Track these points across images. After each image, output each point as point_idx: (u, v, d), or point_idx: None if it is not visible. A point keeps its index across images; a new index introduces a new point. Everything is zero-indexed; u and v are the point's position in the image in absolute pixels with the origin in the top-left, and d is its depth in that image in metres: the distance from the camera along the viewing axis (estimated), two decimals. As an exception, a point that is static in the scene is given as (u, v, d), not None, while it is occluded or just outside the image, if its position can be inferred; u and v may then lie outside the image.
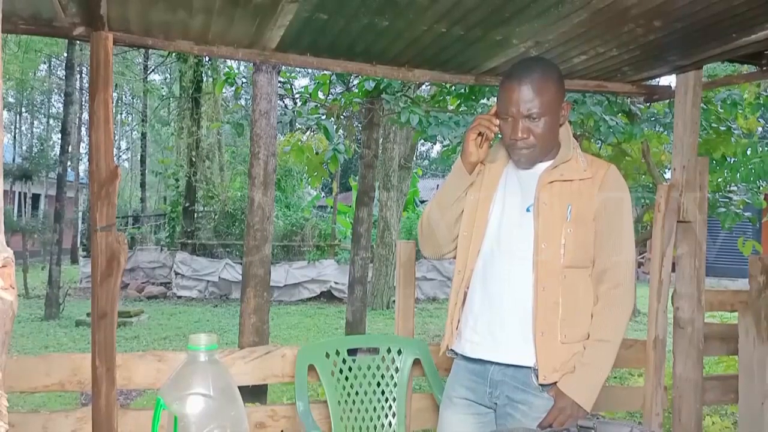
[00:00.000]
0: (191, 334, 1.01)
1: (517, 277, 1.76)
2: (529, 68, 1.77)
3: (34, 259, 16.71)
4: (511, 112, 1.73)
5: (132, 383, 2.62)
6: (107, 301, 2.40)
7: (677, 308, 3.29)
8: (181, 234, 14.24)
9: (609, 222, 1.76)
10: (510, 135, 1.74)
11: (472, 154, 1.84)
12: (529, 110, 1.72)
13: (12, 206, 18.77)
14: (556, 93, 1.77)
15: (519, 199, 1.81)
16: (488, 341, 1.80)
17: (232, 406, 1.00)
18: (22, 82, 21.75)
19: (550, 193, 1.75)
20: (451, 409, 1.91)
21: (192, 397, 0.97)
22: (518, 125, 1.72)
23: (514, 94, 1.72)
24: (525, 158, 1.78)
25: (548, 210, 1.74)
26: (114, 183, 2.44)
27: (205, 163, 14.81)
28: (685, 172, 3.24)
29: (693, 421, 3.24)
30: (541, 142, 1.75)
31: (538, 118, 1.72)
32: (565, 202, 1.74)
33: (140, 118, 23.95)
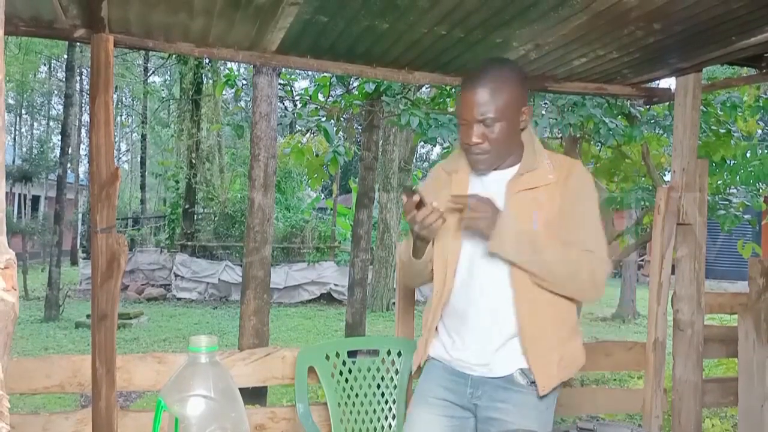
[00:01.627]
0: (191, 335, 1.02)
1: (497, 290, 1.73)
2: (487, 71, 1.71)
3: (33, 261, 16.72)
4: (465, 116, 1.69)
5: (132, 385, 2.62)
6: (107, 303, 2.41)
7: (677, 310, 3.29)
8: (181, 236, 14.24)
9: (571, 214, 1.72)
10: (464, 140, 1.70)
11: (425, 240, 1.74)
12: (483, 114, 1.66)
13: (12, 208, 18.76)
14: (514, 97, 1.70)
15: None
16: (473, 358, 1.77)
17: (232, 407, 1.00)
18: (22, 84, 21.76)
19: (517, 204, 1.72)
20: (424, 408, 1.85)
21: (193, 398, 0.97)
22: (472, 130, 1.68)
23: (469, 98, 1.67)
24: (480, 163, 1.74)
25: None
26: (114, 185, 2.45)
27: (205, 164, 14.81)
28: (685, 175, 3.24)
29: (692, 424, 3.24)
30: (497, 147, 1.70)
31: (493, 123, 1.67)
32: (530, 211, 1.71)
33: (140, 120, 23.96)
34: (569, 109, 4.86)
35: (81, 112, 22.48)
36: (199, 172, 14.42)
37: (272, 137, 3.46)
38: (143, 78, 22.15)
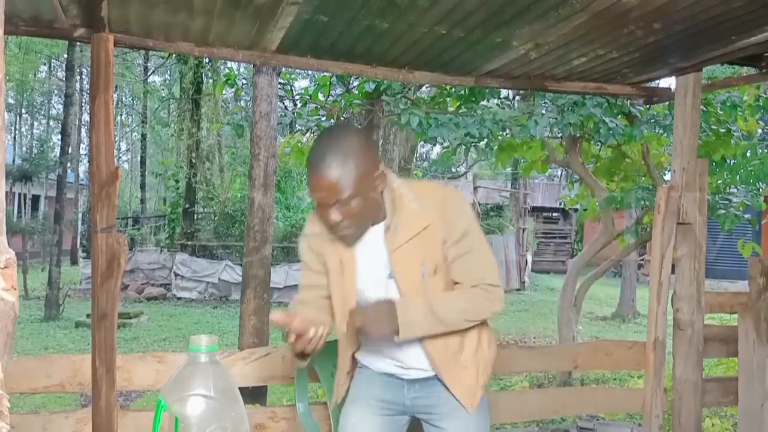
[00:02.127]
0: (191, 335, 1.02)
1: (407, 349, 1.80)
2: (330, 151, 1.64)
3: (33, 260, 16.72)
4: (319, 200, 1.66)
5: (132, 384, 2.62)
6: (107, 303, 2.41)
7: (677, 310, 3.29)
8: (181, 235, 14.24)
9: (463, 256, 1.75)
10: (325, 221, 1.69)
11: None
12: (335, 197, 1.63)
13: (12, 207, 18.76)
14: (362, 170, 1.65)
15: (378, 267, 1.78)
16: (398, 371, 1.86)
17: (232, 406, 1.00)
18: (22, 84, 21.76)
19: (403, 260, 1.74)
20: (359, 406, 1.89)
21: (193, 398, 0.98)
22: (329, 212, 1.65)
23: (318, 183, 1.63)
24: (349, 238, 1.74)
25: (406, 275, 1.75)
26: (114, 184, 2.45)
27: (205, 164, 14.81)
28: (685, 174, 3.24)
29: (692, 423, 3.24)
30: (358, 220, 1.70)
31: (348, 201, 1.64)
32: (418, 262, 1.73)
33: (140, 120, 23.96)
34: (569, 108, 4.86)
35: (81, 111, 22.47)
36: (199, 171, 14.41)
37: (272, 136, 3.46)
38: (143, 77, 22.14)
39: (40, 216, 18.68)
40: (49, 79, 25.97)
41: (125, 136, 32.42)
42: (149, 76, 23.40)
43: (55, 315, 10.14)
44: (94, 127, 2.45)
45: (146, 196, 23.65)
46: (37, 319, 10.11)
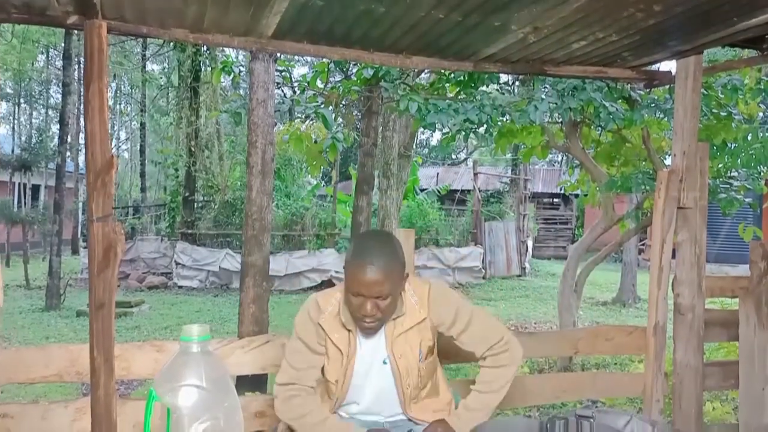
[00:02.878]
0: (185, 324, 1.00)
1: (391, 410, 2.11)
2: (378, 253, 1.95)
3: (35, 250, 16.73)
4: (361, 293, 1.92)
5: (131, 373, 2.61)
6: (105, 292, 2.39)
7: (677, 295, 3.28)
8: (182, 224, 14.23)
9: (465, 330, 2.07)
10: (359, 311, 1.94)
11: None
12: (379, 293, 1.91)
13: (12, 197, 18.74)
14: (400, 273, 1.98)
15: (372, 354, 2.05)
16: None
17: (225, 397, 0.99)
18: (20, 73, 21.66)
19: (402, 346, 2.03)
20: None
21: (185, 388, 0.96)
22: (367, 304, 1.92)
23: (364, 278, 1.90)
24: (372, 330, 2.01)
25: (404, 360, 2.03)
26: (110, 172, 2.42)
27: (204, 152, 14.76)
28: (686, 158, 3.22)
29: (693, 407, 3.24)
30: (388, 314, 1.99)
31: (386, 297, 1.93)
32: (415, 348, 2.03)
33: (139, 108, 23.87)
34: (569, 93, 4.82)
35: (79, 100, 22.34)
36: (198, 160, 14.37)
37: (269, 123, 3.43)
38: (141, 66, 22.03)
39: (40, 206, 18.67)
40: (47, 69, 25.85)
41: (124, 125, 32.34)
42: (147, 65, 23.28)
43: (56, 304, 10.15)
44: (89, 115, 2.42)
45: (146, 185, 23.62)
46: (39, 308, 10.13)
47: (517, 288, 13.60)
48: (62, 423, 2.49)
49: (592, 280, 10.73)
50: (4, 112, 26.94)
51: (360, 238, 2.22)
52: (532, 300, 11.92)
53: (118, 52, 21.11)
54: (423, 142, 31.20)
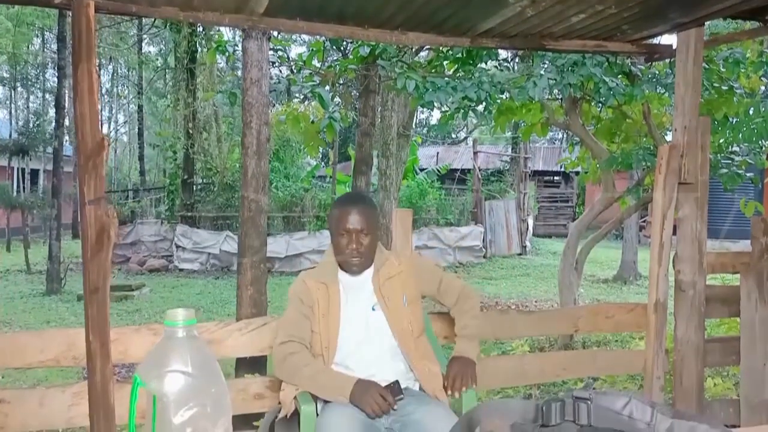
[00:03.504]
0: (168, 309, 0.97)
1: (386, 357, 2.26)
2: (360, 199, 2.45)
3: (35, 235, 16.71)
4: (346, 227, 2.27)
5: (128, 357, 2.60)
6: (98, 276, 2.36)
7: (678, 271, 3.25)
8: (181, 207, 14.19)
9: (433, 282, 2.46)
10: (347, 247, 2.27)
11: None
12: (361, 225, 2.27)
13: (11, 182, 18.69)
14: (377, 219, 2.37)
15: (361, 304, 2.30)
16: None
17: (212, 382, 0.96)
18: (15, 57, 21.48)
19: (386, 292, 2.31)
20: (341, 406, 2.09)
21: (170, 374, 0.93)
22: (353, 236, 2.27)
23: (348, 213, 2.28)
24: (356, 266, 2.31)
25: (391, 304, 2.30)
26: (101, 154, 2.38)
27: (202, 134, 14.67)
28: (687, 133, 3.17)
29: (694, 384, 3.23)
30: (369, 252, 2.31)
31: (367, 234, 2.28)
32: (399, 294, 2.32)
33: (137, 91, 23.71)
34: (569, 69, 4.76)
35: (76, 83, 22.13)
36: (196, 142, 14.29)
37: (264, 103, 3.37)
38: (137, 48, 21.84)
39: (39, 190, 18.61)
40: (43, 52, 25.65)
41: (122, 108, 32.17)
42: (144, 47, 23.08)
43: (57, 289, 10.16)
44: (78, 96, 2.37)
45: (145, 168, 23.55)
46: (39, 293, 10.14)
47: (518, 267, 13.60)
48: (60, 408, 2.48)
49: (593, 258, 10.72)
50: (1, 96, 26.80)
51: (338, 197, 2.59)
52: (532, 278, 11.92)
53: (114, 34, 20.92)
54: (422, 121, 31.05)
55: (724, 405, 3.59)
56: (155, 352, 0.96)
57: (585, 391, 0.87)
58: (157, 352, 0.96)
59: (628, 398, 0.87)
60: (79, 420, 2.47)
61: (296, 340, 2.26)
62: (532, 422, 0.86)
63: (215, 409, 0.95)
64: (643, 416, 0.86)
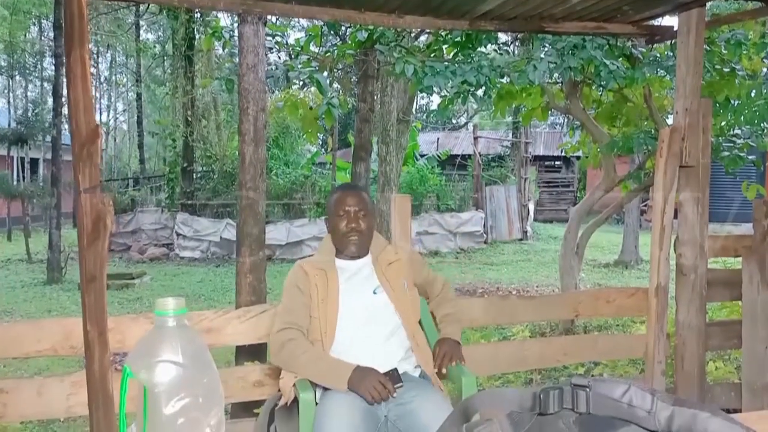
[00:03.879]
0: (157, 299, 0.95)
1: (386, 341, 2.26)
2: (355, 185, 2.69)
3: (36, 224, 16.70)
4: (345, 207, 2.36)
5: (125, 346, 2.58)
6: (95, 265, 2.34)
7: (680, 255, 3.24)
8: (181, 195, 14.16)
9: (423, 273, 2.56)
10: (347, 226, 2.35)
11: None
12: (359, 205, 2.37)
13: (11, 171, 18.65)
14: (372, 205, 2.47)
15: (361, 288, 2.34)
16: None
17: (204, 373, 0.94)
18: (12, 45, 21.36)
19: (389, 275, 2.38)
20: (341, 394, 2.07)
21: (161, 364, 0.91)
22: (351, 216, 2.36)
23: (347, 195, 2.40)
24: (355, 246, 2.38)
25: (395, 287, 2.36)
26: (96, 142, 2.35)
27: (201, 122, 14.61)
28: (688, 115, 3.14)
29: (696, 367, 3.22)
30: (367, 233, 2.40)
31: (365, 216, 2.38)
32: (400, 280, 2.39)
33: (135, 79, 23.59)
34: (569, 52, 4.71)
35: (74, 72, 22.00)
36: (195, 130, 14.23)
37: (261, 89, 3.33)
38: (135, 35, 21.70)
39: (39, 179, 18.58)
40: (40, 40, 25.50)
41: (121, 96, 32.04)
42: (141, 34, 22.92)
43: (57, 278, 10.16)
44: (71, 83, 2.34)
45: (145, 157, 23.47)
46: (41, 282, 10.14)
47: (519, 252, 13.59)
48: (59, 397, 2.47)
49: (594, 243, 10.70)
50: (-1, 85, 26.69)
51: (335, 186, 2.56)
52: (533, 264, 11.91)
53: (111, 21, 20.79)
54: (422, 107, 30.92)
55: (725, 389, 3.59)
56: (145, 342, 0.94)
57: (584, 379, 0.85)
58: (147, 342, 0.94)
59: (627, 385, 0.85)
60: (78, 409, 2.47)
61: (294, 327, 2.26)
62: (529, 411, 0.84)
63: (207, 400, 0.93)
64: (643, 404, 0.84)
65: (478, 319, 3.12)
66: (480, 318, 3.12)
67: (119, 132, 32.05)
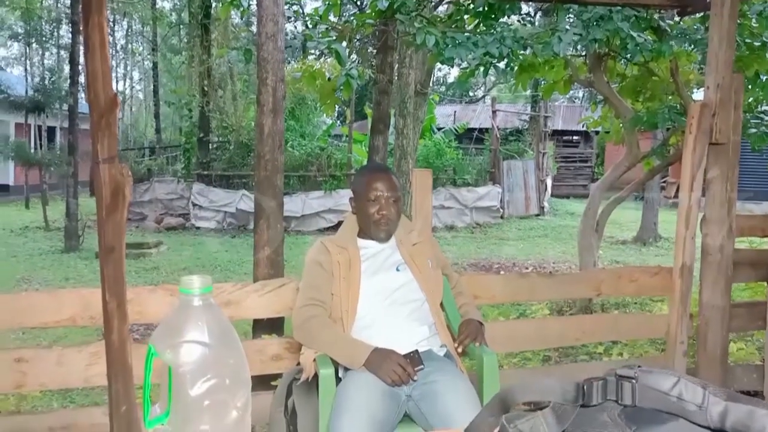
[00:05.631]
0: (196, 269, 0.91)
1: (409, 319, 2.22)
2: (385, 167, 2.72)
3: (53, 192, 16.82)
4: (377, 191, 2.31)
5: (144, 317, 2.58)
6: (114, 236, 2.32)
7: (706, 234, 3.17)
8: (197, 165, 14.17)
9: (443, 260, 2.59)
10: (379, 212, 2.30)
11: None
12: (392, 190, 2.33)
13: (28, 139, 18.74)
14: (400, 189, 2.43)
15: (384, 266, 2.31)
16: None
17: (230, 353, 0.91)
18: (28, 12, 21.30)
19: (416, 255, 2.36)
20: (363, 374, 2.05)
21: (186, 345, 0.88)
22: (383, 203, 2.31)
23: (379, 179, 2.34)
24: (385, 233, 2.34)
25: (419, 265, 2.34)
26: (114, 111, 2.31)
27: (217, 92, 14.53)
28: (720, 91, 3.04)
29: (719, 349, 3.17)
30: (397, 218, 2.37)
31: (395, 202, 2.34)
32: (424, 259, 2.37)
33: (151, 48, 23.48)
34: (595, 23, 4.58)
35: (90, 40, 21.90)
36: (212, 100, 14.17)
37: (280, 59, 3.27)
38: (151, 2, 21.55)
39: (56, 147, 18.65)
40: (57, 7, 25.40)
41: (137, 65, 31.98)
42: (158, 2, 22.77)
43: (75, 246, 10.24)
44: (90, 51, 2.29)
45: (161, 126, 23.47)
46: (58, 250, 10.23)
47: (536, 228, 13.51)
48: (77, 367, 2.47)
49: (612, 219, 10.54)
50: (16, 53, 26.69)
51: (363, 166, 2.59)
52: (550, 239, 11.84)
53: (128, -11, 20.66)
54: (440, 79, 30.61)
55: (747, 370, 3.54)
56: (169, 321, 0.91)
57: (630, 369, 0.80)
58: (172, 321, 0.90)
59: (676, 378, 0.80)
60: (96, 380, 2.47)
61: (317, 304, 2.24)
62: (572, 402, 0.80)
63: (234, 381, 0.90)
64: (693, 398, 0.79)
65: (497, 296, 3.08)
66: (499, 295, 3.08)
67: (135, 101, 32.06)
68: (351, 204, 2.44)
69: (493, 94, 25.11)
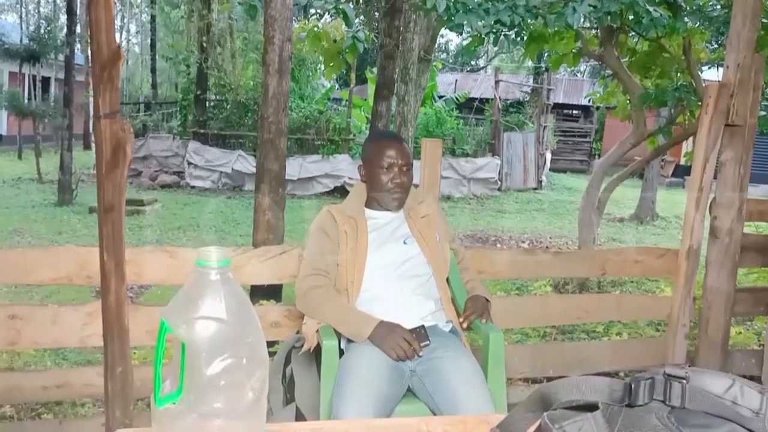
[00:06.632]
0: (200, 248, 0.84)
1: (416, 293, 2.18)
2: (397, 135, 2.59)
3: (46, 144, 16.61)
4: (391, 159, 2.24)
5: (142, 278, 2.52)
6: (114, 194, 2.24)
7: (715, 217, 3.12)
8: (193, 123, 13.98)
9: (450, 232, 2.52)
10: (392, 180, 2.25)
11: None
12: (405, 158, 2.27)
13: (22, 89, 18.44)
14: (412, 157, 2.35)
15: (391, 237, 2.26)
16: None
17: (248, 331, 0.85)
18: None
19: (424, 228, 2.31)
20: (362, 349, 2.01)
21: (202, 321, 0.82)
22: (396, 170, 2.25)
23: (392, 146, 2.27)
24: (398, 202, 2.29)
25: (426, 238, 2.28)
26: (117, 65, 2.22)
27: (216, 49, 14.26)
28: (740, 71, 2.97)
29: (720, 333, 3.15)
30: (408, 188, 2.31)
31: (408, 170, 2.28)
32: (432, 233, 2.32)
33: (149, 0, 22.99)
34: (610, -5, 4.45)
35: (88, -10, 21.46)
36: (210, 56, 13.91)
37: (287, 17, 3.16)
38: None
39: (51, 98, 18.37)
40: (54, -46, 24.80)
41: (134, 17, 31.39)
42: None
43: (68, 200, 10.14)
44: (92, 1, 2.19)
45: (157, 81, 23.12)
46: (51, 203, 10.13)
47: (533, 201, 13.47)
48: (73, 327, 2.42)
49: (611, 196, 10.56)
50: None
51: (374, 131, 2.54)
52: (547, 214, 11.81)
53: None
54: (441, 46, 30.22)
55: (746, 355, 3.53)
56: (184, 294, 0.84)
57: (680, 369, 0.74)
58: (187, 295, 0.84)
59: (731, 380, 0.74)
60: (92, 340, 2.42)
61: (321, 274, 2.19)
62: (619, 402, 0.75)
63: (251, 361, 0.85)
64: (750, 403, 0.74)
65: (503, 272, 3.04)
66: (504, 271, 3.03)
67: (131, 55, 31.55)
68: (360, 172, 2.37)
69: (495, 63, 24.82)
